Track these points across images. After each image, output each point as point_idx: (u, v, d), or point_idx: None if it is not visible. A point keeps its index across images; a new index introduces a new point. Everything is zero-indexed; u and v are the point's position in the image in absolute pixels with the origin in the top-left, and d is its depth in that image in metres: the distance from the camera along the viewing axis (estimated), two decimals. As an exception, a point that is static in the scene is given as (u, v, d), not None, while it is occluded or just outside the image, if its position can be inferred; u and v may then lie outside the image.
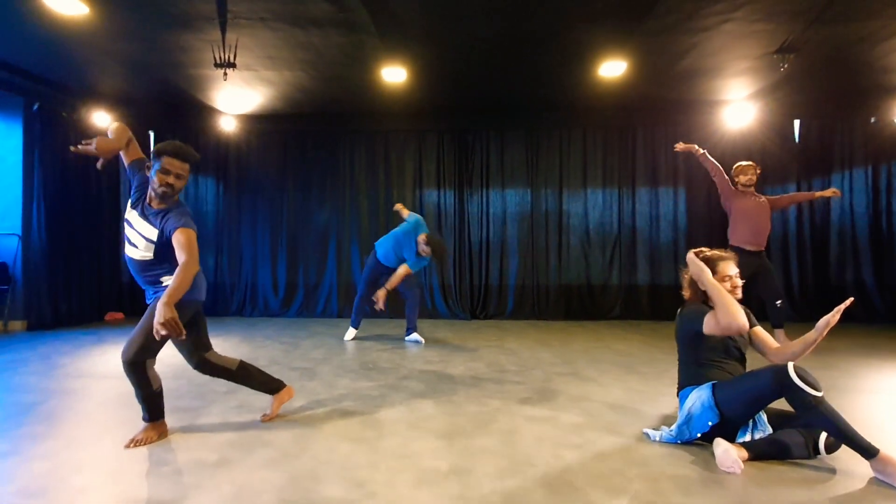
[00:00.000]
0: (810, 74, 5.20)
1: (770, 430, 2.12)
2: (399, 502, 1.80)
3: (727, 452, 2.00)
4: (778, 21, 4.00)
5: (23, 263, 5.51)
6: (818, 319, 2.10)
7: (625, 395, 3.10)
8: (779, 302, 4.45)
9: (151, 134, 7.00)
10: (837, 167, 6.52)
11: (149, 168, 2.35)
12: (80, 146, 2.25)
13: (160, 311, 1.97)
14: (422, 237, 4.66)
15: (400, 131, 6.97)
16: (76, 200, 6.03)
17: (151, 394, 2.35)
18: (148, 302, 2.45)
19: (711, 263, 2.31)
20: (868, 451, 1.85)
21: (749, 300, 4.31)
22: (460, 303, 6.82)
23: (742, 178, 4.45)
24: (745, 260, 4.16)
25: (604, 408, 2.86)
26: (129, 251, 2.38)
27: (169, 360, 3.97)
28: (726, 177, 4.46)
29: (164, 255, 2.34)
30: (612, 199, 6.84)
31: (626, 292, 6.72)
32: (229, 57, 4.79)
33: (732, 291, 2.25)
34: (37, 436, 2.45)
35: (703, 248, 2.41)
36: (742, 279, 2.34)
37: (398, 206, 5.14)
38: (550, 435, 2.44)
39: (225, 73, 5.02)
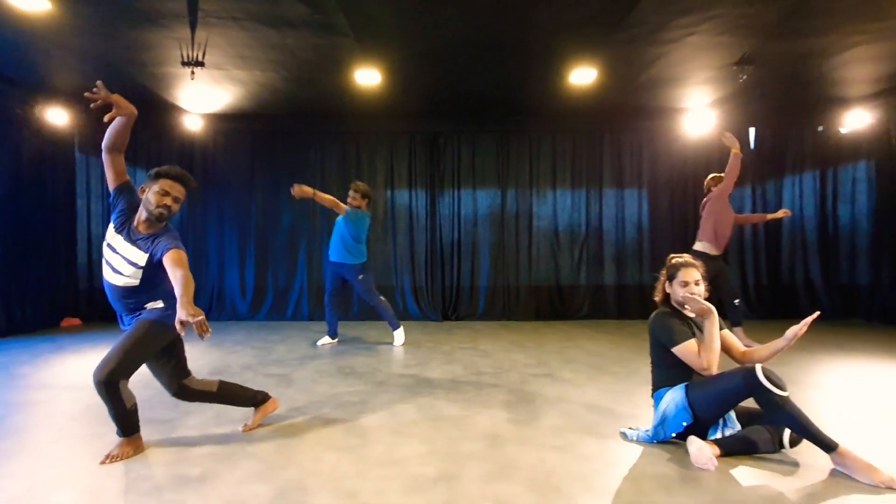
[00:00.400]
0: (766, 85, 5.49)
1: (739, 426, 2.26)
2: (392, 511, 1.83)
3: (701, 450, 2.12)
4: (739, 35, 4.21)
5: (-29, 268, 5.19)
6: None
7: (600, 396, 3.21)
8: (737, 301, 4.69)
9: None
10: (789, 173, 6.91)
11: (143, 191, 2.30)
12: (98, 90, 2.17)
13: (188, 309, 1.88)
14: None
15: (371, 133, 6.93)
16: (30, 201, 5.71)
17: (125, 412, 2.28)
18: (123, 328, 2.38)
19: (674, 269, 2.44)
20: (829, 446, 2.00)
21: (709, 301, 4.52)
22: (432, 304, 6.85)
23: None
24: (710, 264, 4.38)
25: (581, 409, 2.95)
26: (112, 277, 2.30)
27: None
28: None
29: (151, 280, 2.29)
30: (580, 201, 7.01)
31: (593, 292, 6.91)
32: (198, 55, 4.66)
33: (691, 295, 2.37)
34: (7, 452, 2.34)
35: (681, 255, 2.52)
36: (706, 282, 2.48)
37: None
38: (532, 437, 2.51)
39: (192, 72, 4.87)
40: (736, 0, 3.62)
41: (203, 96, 5.89)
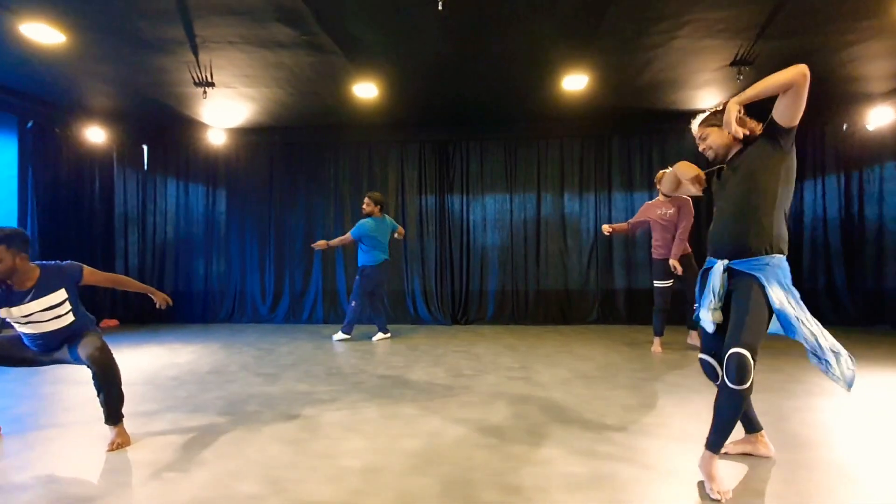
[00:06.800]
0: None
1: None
2: (302, 497, 2.00)
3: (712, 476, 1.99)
4: (722, 38, 4.14)
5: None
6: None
7: (562, 398, 3.26)
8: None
9: (145, 148, 7.30)
10: (809, 174, 6.61)
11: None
12: None
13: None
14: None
15: (381, 142, 7.19)
16: (68, 212, 6.33)
17: (121, 390, 2.63)
18: (35, 348, 2.68)
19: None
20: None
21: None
22: (442, 308, 7.00)
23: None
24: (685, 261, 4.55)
25: (535, 410, 3.02)
26: (46, 327, 2.59)
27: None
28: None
29: (77, 308, 2.69)
30: (588, 205, 6.98)
31: (602, 297, 6.85)
32: (206, 76, 5.05)
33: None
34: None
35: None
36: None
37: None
38: (470, 437, 2.61)
39: (204, 91, 5.29)
40: (706, 5, 3.59)
41: (221, 112, 6.32)
